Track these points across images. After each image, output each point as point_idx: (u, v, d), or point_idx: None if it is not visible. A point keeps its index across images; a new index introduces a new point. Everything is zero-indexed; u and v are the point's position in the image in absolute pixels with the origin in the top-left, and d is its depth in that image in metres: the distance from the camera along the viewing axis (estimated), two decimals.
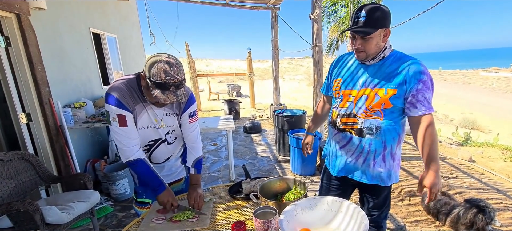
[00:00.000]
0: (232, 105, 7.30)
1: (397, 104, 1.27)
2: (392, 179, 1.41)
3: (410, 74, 1.22)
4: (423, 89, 1.22)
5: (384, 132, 1.31)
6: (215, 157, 4.48)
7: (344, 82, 1.38)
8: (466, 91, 17.59)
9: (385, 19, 1.22)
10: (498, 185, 3.38)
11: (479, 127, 8.68)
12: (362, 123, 1.32)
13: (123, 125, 1.24)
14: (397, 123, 1.32)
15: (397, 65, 1.26)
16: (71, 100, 3.14)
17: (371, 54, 1.26)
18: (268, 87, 13.81)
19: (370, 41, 1.22)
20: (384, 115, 1.29)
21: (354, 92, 1.34)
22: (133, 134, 1.29)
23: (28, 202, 1.81)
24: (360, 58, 1.30)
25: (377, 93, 1.27)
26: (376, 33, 1.21)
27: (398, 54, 1.30)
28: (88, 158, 3.29)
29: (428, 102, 1.23)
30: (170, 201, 1.32)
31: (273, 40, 6.57)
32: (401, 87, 1.24)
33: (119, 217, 2.75)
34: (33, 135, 2.62)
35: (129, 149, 1.29)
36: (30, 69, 2.47)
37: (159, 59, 1.13)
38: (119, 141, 1.28)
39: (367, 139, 1.33)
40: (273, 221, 0.93)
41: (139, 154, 1.32)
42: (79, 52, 3.42)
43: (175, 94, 1.16)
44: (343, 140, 1.41)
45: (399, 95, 1.24)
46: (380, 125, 1.30)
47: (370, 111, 1.30)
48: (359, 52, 1.27)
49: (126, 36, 5.14)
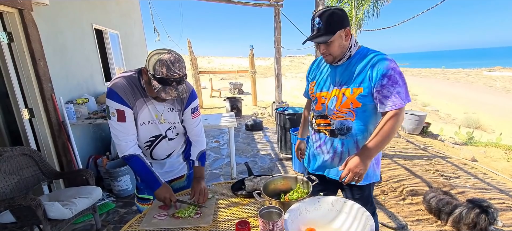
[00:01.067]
0: (234, 103, 7.30)
1: (366, 102, 1.26)
2: (370, 178, 1.40)
3: (373, 70, 1.21)
4: (388, 84, 1.19)
5: (355, 132, 1.32)
6: (216, 154, 4.48)
7: (318, 85, 1.42)
8: (469, 90, 17.48)
9: (341, 20, 1.22)
10: (501, 185, 3.36)
11: (482, 127, 8.63)
12: (333, 124, 1.35)
13: (121, 120, 1.25)
14: (370, 122, 1.31)
15: (362, 62, 1.26)
16: (73, 96, 3.14)
17: (338, 56, 1.28)
18: (270, 85, 13.79)
19: (332, 44, 1.24)
20: (356, 115, 1.29)
21: (326, 94, 1.36)
22: (130, 130, 1.30)
23: (31, 197, 1.82)
24: (328, 61, 1.32)
25: (344, 94, 1.29)
26: (335, 36, 1.22)
27: (364, 51, 1.30)
28: (90, 154, 3.30)
29: (396, 97, 1.20)
30: (167, 196, 1.32)
31: (275, 37, 6.55)
32: (365, 84, 1.24)
33: (121, 213, 2.75)
34: (36, 131, 2.62)
35: (124, 144, 1.30)
36: (33, 64, 2.47)
37: (161, 54, 1.13)
38: (116, 136, 1.29)
39: (339, 139, 1.36)
40: (279, 222, 0.92)
41: (134, 150, 1.33)
42: (82, 48, 3.41)
43: (176, 90, 1.16)
44: (318, 140, 1.45)
45: (366, 93, 1.24)
46: (351, 126, 1.31)
47: (341, 112, 1.32)
48: (326, 56, 1.30)
49: (128, 33, 5.13)
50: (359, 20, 4.83)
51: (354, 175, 1.19)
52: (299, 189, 1.28)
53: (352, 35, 1.28)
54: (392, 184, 3.27)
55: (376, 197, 3.05)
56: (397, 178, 3.38)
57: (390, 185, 3.25)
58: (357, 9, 4.68)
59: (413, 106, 12.27)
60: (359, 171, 1.19)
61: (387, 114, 1.22)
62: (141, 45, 5.83)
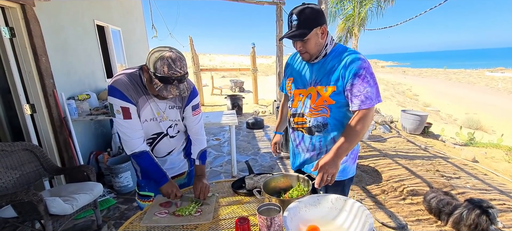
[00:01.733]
0: (235, 101, 7.29)
1: (340, 100, 1.27)
2: (346, 174, 1.41)
3: (345, 68, 1.22)
4: (358, 83, 1.19)
5: (331, 128, 1.33)
6: (217, 152, 4.49)
7: (294, 81, 1.42)
8: (471, 91, 17.43)
9: (317, 17, 1.21)
10: (502, 186, 3.36)
11: (483, 128, 8.61)
12: (309, 122, 1.35)
13: (127, 117, 1.25)
14: (345, 118, 1.32)
15: (336, 61, 1.26)
16: (75, 92, 3.15)
17: (314, 54, 1.28)
18: (271, 83, 13.77)
19: (308, 42, 1.23)
20: (331, 111, 1.30)
21: (303, 91, 1.37)
22: (137, 126, 1.30)
23: (32, 192, 1.82)
24: (305, 59, 1.32)
25: (318, 92, 1.30)
26: (312, 33, 1.21)
27: (339, 48, 1.30)
28: (91, 150, 3.31)
29: (366, 97, 1.19)
30: (174, 191, 1.34)
31: (277, 35, 6.53)
32: (339, 83, 1.24)
33: (122, 209, 2.77)
34: (37, 126, 2.63)
35: (133, 141, 1.30)
36: (35, 60, 2.47)
37: (162, 52, 1.12)
38: (124, 133, 1.28)
39: (316, 137, 1.36)
40: (277, 218, 0.92)
41: (143, 146, 1.33)
42: (83, 44, 3.42)
43: (178, 89, 1.16)
44: (297, 138, 1.46)
45: (338, 91, 1.25)
46: (327, 122, 1.32)
47: (315, 110, 1.32)
48: (302, 53, 1.30)
49: (130, 30, 5.13)
50: (362, 19, 4.81)
51: (326, 176, 1.18)
52: (299, 187, 1.28)
53: (328, 33, 1.28)
54: (392, 183, 3.27)
55: (376, 196, 3.05)
56: (398, 178, 3.38)
57: (391, 184, 3.25)
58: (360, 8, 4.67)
59: (414, 106, 12.25)
60: (331, 172, 1.19)
61: (356, 113, 1.23)
62: (142, 42, 5.83)
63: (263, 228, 0.94)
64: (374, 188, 3.25)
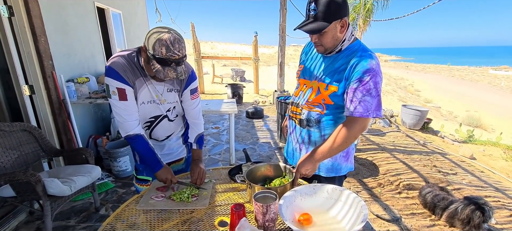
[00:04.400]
0: (236, 90, 7.27)
1: (338, 102, 1.21)
2: (338, 171, 1.37)
3: (352, 70, 1.13)
4: (358, 89, 1.11)
5: (324, 126, 1.29)
6: (216, 140, 4.50)
7: (303, 70, 1.37)
8: (473, 88, 17.35)
9: (339, 9, 1.09)
10: (497, 184, 3.38)
11: (482, 125, 8.60)
12: (303, 114, 1.32)
13: (123, 99, 1.24)
14: (340, 118, 1.26)
15: (346, 60, 1.17)
16: (74, 75, 3.13)
17: (329, 48, 1.19)
18: (272, 73, 13.69)
19: (325, 35, 1.13)
20: (327, 109, 1.25)
21: (307, 82, 1.33)
22: (133, 108, 1.29)
23: (31, 173, 1.84)
24: (319, 52, 1.24)
25: (319, 88, 1.25)
26: (330, 27, 1.10)
27: (354, 47, 1.19)
28: (90, 134, 3.31)
29: (361, 106, 1.11)
30: (169, 177, 1.33)
31: (280, 25, 6.44)
32: (341, 84, 1.17)
33: (120, 193, 2.79)
34: (36, 108, 2.62)
35: (128, 123, 1.29)
36: (34, 40, 2.44)
37: (161, 33, 1.10)
38: (119, 114, 1.27)
39: (306, 130, 1.34)
40: (273, 206, 0.93)
41: (138, 130, 1.32)
42: (83, 26, 3.37)
43: (175, 71, 1.15)
44: (290, 127, 1.45)
45: (339, 93, 1.18)
46: (320, 118, 1.28)
47: (312, 104, 1.28)
48: (317, 46, 1.21)
49: (131, 13, 5.05)
50: (368, 11, 4.74)
51: (303, 173, 1.19)
52: (284, 178, 1.29)
53: (349, 26, 1.17)
54: (389, 177, 3.29)
55: (373, 189, 3.08)
56: (395, 172, 3.40)
57: (387, 178, 3.27)
58: None
59: (415, 102, 12.22)
60: (307, 173, 1.19)
61: (346, 120, 1.17)
62: (143, 26, 5.76)
63: (258, 215, 0.95)
64: (371, 181, 3.27)
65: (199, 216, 1.14)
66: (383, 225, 2.43)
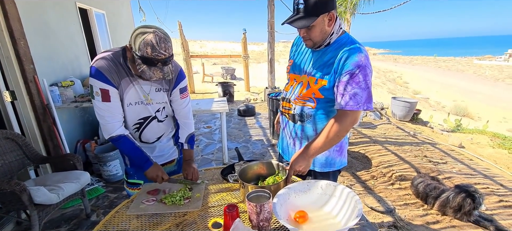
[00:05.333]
0: (226, 88, 7.21)
1: (328, 96, 1.20)
2: (329, 166, 1.37)
3: (341, 63, 1.12)
4: (348, 82, 1.10)
5: (315, 120, 1.28)
6: (208, 140, 4.45)
7: (293, 65, 1.37)
8: (459, 79, 17.78)
9: (326, 3, 1.09)
10: (486, 171, 3.46)
11: (469, 114, 8.83)
12: (294, 109, 1.32)
13: (106, 100, 1.20)
14: (332, 111, 1.25)
15: (335, 53, 1.16)
16: (58, 78, 3.03)
17: (318, 42, 1.18)
18: (263, 71, 13.65)
19: (313, 29, 1.13)
20: (318, 103, 1.24)
21: (297, 77, 1.32)
22: (116, 110, 1.25)
23: (15, 182, 1.76)
24: (308, 46, 1.24)
25: (309, 82, 1.24)
26: (318, 20, 1.10)
27: (342, 40, 1.19)
28: (78, 139, 3.22)
29: (351, 99, 1.10)
30: (159, 175, 1.30)
31: (269, 21, 6.41)
32: (331, 78, 1.16)
33: (111, 198, 2.73)
34: (19, 114, 2.52)
35: (111, 125, 1.25)
36: (12, 44, 2.34)
37: (146, 33, 1.06)
38: (101, 116, 1.24)
39: (299, 125, 1.33)
40: (266, 205, 0.91)
41: (121, 130, 1.28)
42: (65, 28, 3.26)
43: (162, 71, 1.11)
44: (282, 122, 1.44)
45: (329, 87, 1.18)
46: (311, 113, 1.27)
47: (302, 99, 1.27)
48: (306, 40, 1.20)
49: (116, 13, 4.93)
50: (354, 5, 4.75)
51: (298, 170, 1.17)
52: (277, 176, 1.27)
53: (337, 20, 1.16)
54: (381, 169, 3.32)
55: (366, 182, 3.10)
56: (387, 164, 3.44)
57: (380, 170, 3.31)
58: None
59: (404, 93, 12.43)
60: (301, 170, 1.17)
61: (337, 114, 1.16)
62: (129, 26, 5.63)
63: (252, 215, 0.93)
64: (364, 173, 3.30)
65: (192, 218, 1.11)
66: (378, 217, 2.45)
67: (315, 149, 1.17)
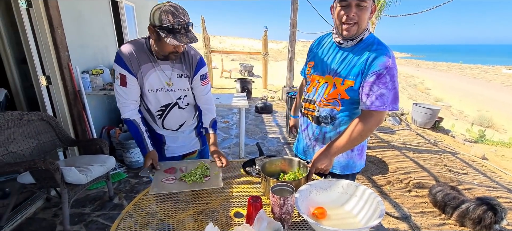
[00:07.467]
0: (245, 84, 7.28)
1: (354, 97, 1.20)
2: (352, 168, 1.37)
3: (368, 64, 1.12)
4: (375, 83, 1.10)
5: (340, 122, 1.28)
6: (225, 134, 4.54)
7: (314, 66, 1.35)
8: (485, 88, 16.94)
9: None
10: (510, 184, 3.32)
11: (494, 126, 8.42)
12: (318, 111, 1.31)
13: (123, 85, 1.33)
14: (355, 113, 1.25)
15: (362, 53, 1.16)
16: (89, 66, 3.19)
17: (361, 29, 1.15)
18: (281, 69, 13.61)
19: (364, 10, 1.10)
20: (342, 105, 1.24)
21: (320, 78, 1.30)
22: (130, 96, 1.36)
23: (50, 161, 1.90)
24: (350, 33, 1.15)
25: (335, 83, 1.23)
26: (369, 3, 1.10)
27: (370, 40, 1.19)
28: (104, 125, 3.38)
29: (377, 98, 1.11)
30: (148, 163, 1.34)
31: (291, 19, 6.39)
32: (358, 79, 1.16)
33: (132, 183, 2.86)
34: (52, 98, 2.69)
35: (124, 107, 1.39)
36: (51, 32, 2.49)
37: (163, 5, 1.17)
38: (118, 99, 1.38)
39: (323, 127, 1.33)
40: (290, 199, 0.94)
41: (130, 114, 1.39)
42: (98, 18, 3.42)
43: (187, 36, 1.19)
44: (303, 124, 1.43)
45: (356, 87, 1.17)
46: (336, 115, 1.27)
47: (327, 101, 1.27)
48: (352, 24, 1.13)
49: (144, 6, 5.09)
50: (381, 6, 4.65)
51: (320, 167, 1.18)
52: (298, 172, 1.30)
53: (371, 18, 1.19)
54: (399, 175, 3.27)
55: (382, 187, 3.07)
56: (405, 170, 3.38)
57: (397, 176, 3.25)
58: None
59: (425, 100, 12.02)
60: (324, 168, 1.18)
61: (361, 114, 1.16)
62: None
63: (276, 207, 0.97)
64: (380, 178, 3.26)
65: (214, 206, 1.17)
66: (392, 222, 2.43)
67: (338, 148, 1.18)
